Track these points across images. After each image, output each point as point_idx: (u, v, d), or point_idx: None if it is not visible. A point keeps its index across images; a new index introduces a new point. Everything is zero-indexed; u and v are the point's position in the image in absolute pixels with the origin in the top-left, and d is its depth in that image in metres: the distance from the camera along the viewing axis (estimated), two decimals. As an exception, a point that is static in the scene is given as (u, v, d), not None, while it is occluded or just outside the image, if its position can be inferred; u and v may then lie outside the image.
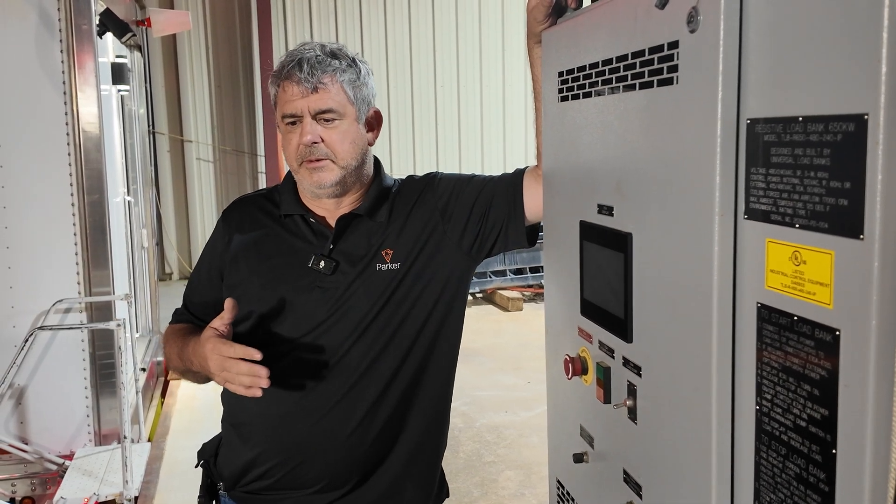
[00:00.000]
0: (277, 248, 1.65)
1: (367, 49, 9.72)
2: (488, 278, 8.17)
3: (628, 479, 1.23)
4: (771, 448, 0.92)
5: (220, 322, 1.49)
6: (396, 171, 9.42)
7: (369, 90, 1.64)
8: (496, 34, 10.18)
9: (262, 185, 9.40)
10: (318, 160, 1.57)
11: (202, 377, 1.66)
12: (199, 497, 1.76)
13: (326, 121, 1.57)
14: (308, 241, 1.64)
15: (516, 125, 10.26)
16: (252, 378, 1.41)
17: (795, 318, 0.86)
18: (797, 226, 0.85)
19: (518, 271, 8.33)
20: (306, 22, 9.66)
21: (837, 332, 0.81)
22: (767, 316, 0.91)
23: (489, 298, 8.28)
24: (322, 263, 1.60)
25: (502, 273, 8.26)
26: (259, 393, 1.42)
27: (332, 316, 1.59)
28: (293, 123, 1.58)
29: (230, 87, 9.76)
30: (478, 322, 7.28)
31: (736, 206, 0.94)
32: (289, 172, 1.69)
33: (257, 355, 1.41)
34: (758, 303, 0.92)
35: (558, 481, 1.55)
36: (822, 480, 0.84)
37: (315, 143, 1.56)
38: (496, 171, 1.76)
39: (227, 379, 1.45)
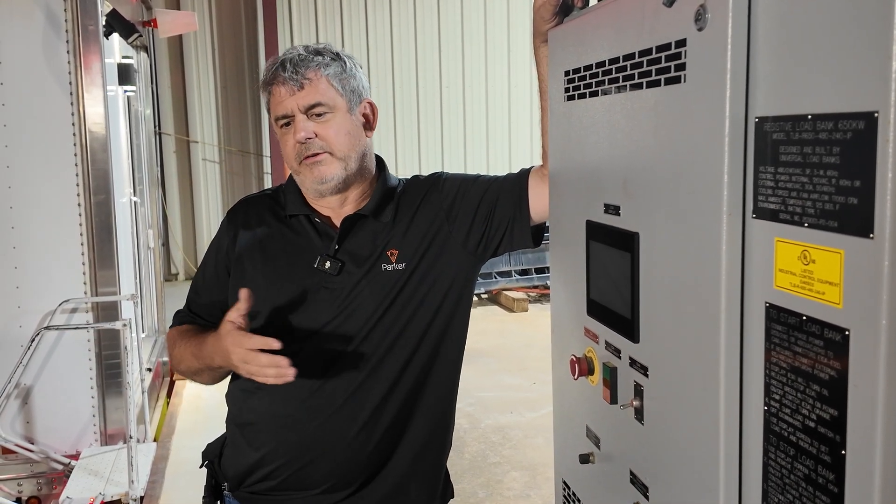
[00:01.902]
0: (283, 249, 1.65)
1: (372, 49, 9.73)
2: (493, 279, 8.17)
3: (635, 479, 1.23)
4: (779, 449, 0.91)
5: (237, 313, 1.48)
6: (402, 170, 9.38)
7: (358, 82, 1.64)
8: (501, 33, 10.17)
9: (268, 185, 9.40)
10: (315, 154, 1.58)
11: (217, 376, 1.67)
12: (203, 497, 1.76)
13: (318, 115, 1.58)
14: (313, 241, 1.64)
15: (522, 125, 10.25)
16: (276, 369, 1.42)
17: (804, 317, 0.85)
18: (806, 225, 0.85)
19: (523, 272, 8.32)
20: (312, 22, 9.67)
21: (847, 332, 0.80)
22: (776, 316, 0.90)
23: (494, 299, 8.27)
24: (328, 264, 1.60)
25: (507, 274, 8.25)
26: (289, 379, 1.42)
27: (339, 316, 1.59)
28: (287, 125, 1.59)
29: (236, 87, 9.77)
30: (483, 323, 7.28)
31: (744, 205, 0.94)
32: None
33: (275, 344, 1.41)
34: (766, 302, 0.91)
35: (564, 482, 1.55)
36: (831, 481, 0.84)
37: (309, 138, 1.57)
38: (501, 171, 1.76)
39: (250, 372, 1.45)
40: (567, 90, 1.40)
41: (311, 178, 1.59)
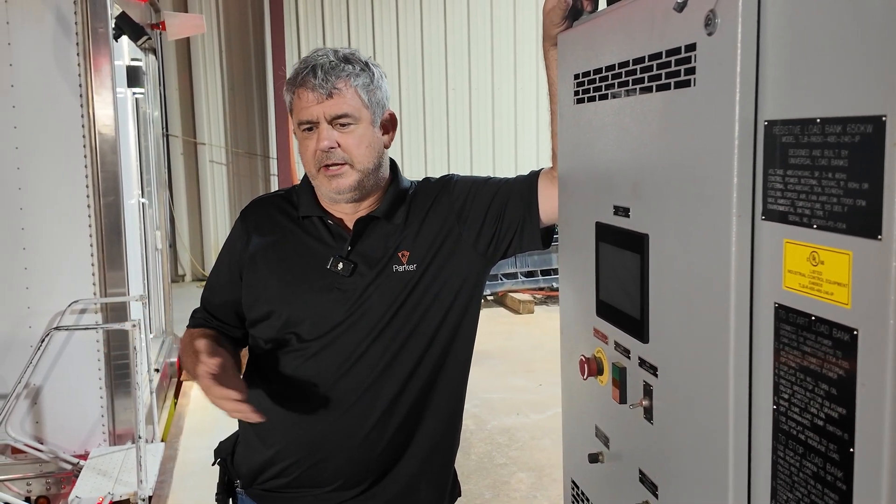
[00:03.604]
0: (296, 250, 1.67)
1: (378, 52, 9.75)
2: (500, 281, 8.17)
3: (644, 478, 1.24)
4: (788, 447, 0.92)
5: (213, 364, 1.46)
6: (409, 173, 9.35)
7: (383, 93, 1.65)
8: (508, 36, 10.18)
9: (275, 187, 9.44)
10: (336, 166, 1.59)
11: None
12: (216, 494, 1.78)
13: (342, 125, 1.58)
14: (326, 242, 1.66)
15: (528, 127, 10.26)
16: (243, 414, 1.46)
17: (813, 318, 0.87)
18: (815, 226, 0.86)
19: (529, 274, 8.33)
20: (318, 25, 9.70)
21: (855, 332, 0.81)
22: (785, 316, 0.91)
23: (500, 301, 8.28)
24: (340, 265, 1.61)
25: (514, 276, 8.26)
26: (256, 419, 1.48)
27: (350, 317, 1.60)
28: (310, 129, 1.59)
29: (243, 89, 9.81)
30: (489, 325, 7.28)
31: (753, 207, 0.95)
32: (306, 174, 1.71)
33: (235, 395, 1.44)
34: (775, 303, 0.93)
35: (573, 481, 1.56)
36: (840, 479, 0.85)
37: (332, 148, 1.58)
38: (508, 173, 1.77)
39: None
40: (576, 93, 1.42)
41: (327, 187, 1.61)
